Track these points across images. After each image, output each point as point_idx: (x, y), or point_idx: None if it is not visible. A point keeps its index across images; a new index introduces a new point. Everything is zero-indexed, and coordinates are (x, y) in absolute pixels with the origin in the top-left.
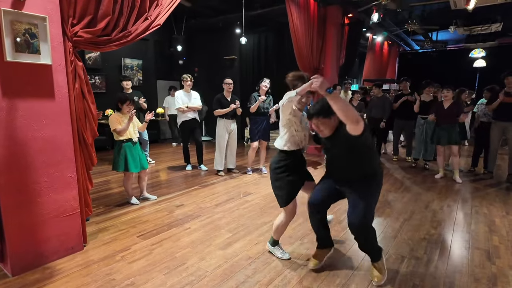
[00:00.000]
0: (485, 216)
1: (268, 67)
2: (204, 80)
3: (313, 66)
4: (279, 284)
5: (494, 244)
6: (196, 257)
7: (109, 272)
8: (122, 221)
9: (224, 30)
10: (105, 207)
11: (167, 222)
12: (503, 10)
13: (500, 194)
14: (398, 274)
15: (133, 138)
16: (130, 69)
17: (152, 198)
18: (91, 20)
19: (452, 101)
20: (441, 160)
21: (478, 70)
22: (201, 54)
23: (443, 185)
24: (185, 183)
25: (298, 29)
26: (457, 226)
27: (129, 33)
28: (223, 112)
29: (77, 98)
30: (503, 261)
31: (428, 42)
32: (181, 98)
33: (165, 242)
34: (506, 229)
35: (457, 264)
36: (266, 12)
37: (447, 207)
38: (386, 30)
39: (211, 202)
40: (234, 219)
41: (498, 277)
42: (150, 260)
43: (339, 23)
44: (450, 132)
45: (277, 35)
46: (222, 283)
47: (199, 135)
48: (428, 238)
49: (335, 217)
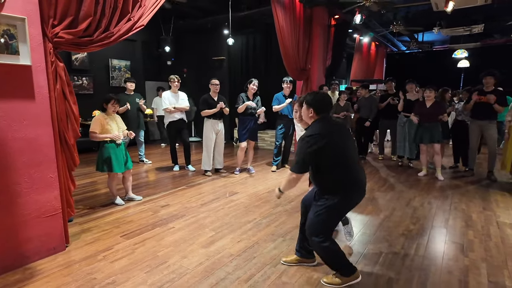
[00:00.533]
0: (463, 212)
1: (256, 67)
2: (193, 81)
3: (299, 67)
4: (259, 280)
5: (469, 238)
6: (178, 256)
7: (90, 271)
8: (106, 222)
9: (212, 31)
10: (89, 208)
11: (151, 222)
12: (484, 12)
13: (480, 191)
14: (375, 269)
15: (117, 140)
16: (117, 70)
17: (137, 198)
18: (72, 21)
19: (434, 101)
20: (424, 158)
21: (462, 71)
22: (189, 55)
23: (426, 183)
24: (172, 184)
25: (283, 29)
26: (436, 222)
27: (112, 34)
28: (210, 113)
29: (59, 99)
30: (476, 254)
31: (414, 43)
32: (168, 98)
33: (148, 242)
34: (482, 224)
35: (432, 257)
36: (253, 13)
37: (427, 204)
38: (372, 31)
39: (197, 202)
40: (218, 218)
41: (470, 269)
42: (132, 259)
43: (325, 24)
44: (433, 131)
45: (264, 36)
46: (202, 280)
47: (186, 135)
48: (407, 233)
49: None
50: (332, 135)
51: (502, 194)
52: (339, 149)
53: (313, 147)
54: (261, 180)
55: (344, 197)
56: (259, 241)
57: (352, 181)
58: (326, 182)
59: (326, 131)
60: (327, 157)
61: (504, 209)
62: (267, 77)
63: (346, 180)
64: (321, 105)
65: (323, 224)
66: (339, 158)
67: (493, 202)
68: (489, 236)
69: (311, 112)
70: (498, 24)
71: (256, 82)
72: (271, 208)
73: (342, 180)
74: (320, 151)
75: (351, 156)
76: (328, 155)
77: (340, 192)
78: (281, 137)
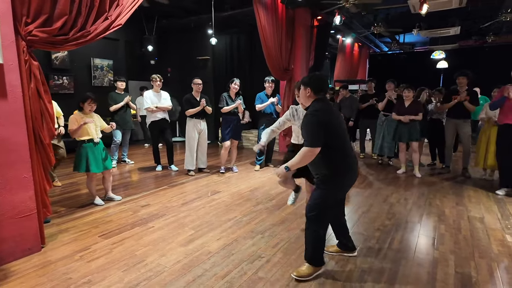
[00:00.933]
0: (437, 207)
1: (240, 67)
2: (177, 80)
3: (282, 67)
4: (235, 276)
5: (440, 232)
6: (157, 254)
7: (66, 271)
8: (84, 222)
9: (196, 30)
10: (68, 208)
11: (131, 221)
12: (460, 15)
13: (454, 187)
14: (350, 262)
15: (95, 139)
16: (100, 69)
17: (117, 198)
18: (46, 19)
19: (412, 100)
20: (402, 156)
21: (442, 71)
22: (173, 55)
23: (404, 180)
24: (154, 184)
25: (266, 30)
26: (410, 217)
27: (88, 32)
28: (195, 111)
29: (33, 98)
30: (446, 247)
31: (395, 44)
32: (150, 98)
33: (127, 241)
34: (454, 218)
35: (405, 251)
36: (236, 13)
37: (403, 200)
38: (354, 32)
39: (178, 201)
40: (199, 217)
41: (439, 261)
42: (109, 258)
43: (308, 25)
44: (411, 130)
45: (249, 36)
46: (179, 277)
47: (169, 135)
48: (382, 228)
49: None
50: (331, 115)
51: (475, 190)
52: (337, 130)
53: (322, 118)
54: (244, 179)
55: (338, 180)
56: (238, 239)
57: (346, 165)
58: (324, 164)
59: (327, 109)
60: (329, 135)
61: (476, 204)
62: (251, 77)
63: (341, 163)
64: (317, 85)
65: (319, 207)
66: (337, 139)
67: (466, 197)
68: (460, 230)
69: (309, 92)
70: (473, 26)
71: (238, 82)
72: (252, 206)
73: (337, 162)
74: (326, 125)
75: (346, 139)
76: (329, 133)
77: (335, 175)
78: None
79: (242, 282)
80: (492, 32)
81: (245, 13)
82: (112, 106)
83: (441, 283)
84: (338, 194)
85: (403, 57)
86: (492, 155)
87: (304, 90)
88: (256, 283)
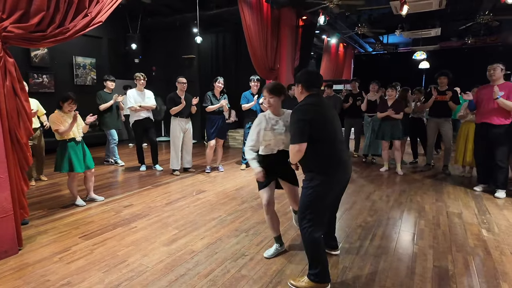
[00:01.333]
0: (418, 204)
1: (226, 66)
2: (161, 79)
3: (268, 66)
4: (218, 274)
5: (420, 227)
6: (139, 254)
7: (44, 273)
8: (64, 223)
9: (182, 29)
10: (48, 209)
11: (113, 222)
12: (440, 16)
13: (435, 184)
14: (332, 258)
15: (77, 137)
16: (82, 67)
17: (99, 199)
18: (22, 15)
19: (395, 99)
20: (385, 154)
21: (424, 71)
22: (158, 53)
23: (386, 178)
24: (138, 184)
25: (251, 29)
26: (391, 214)
27: (67, 29)
28: (179, 109)
29: (8, 96)
30: (425, 242)
31: (379, 44)
32: (134, 97)
33: (108, 242)
34: (433, 214)
35: (385, 246)
36: (222, 12)
37: (385, 197)
38: (339, 32)
39: (162, 201)
40: (183, 216)
41: (418, 256)
42: (89, 259)
43: (293, 25)
44: (393, 128)
45: (234, 35)
46: (162, 277)
47: (153, 134)
48: (364, 225)
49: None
50: (322, 108)
51: (454, 186)
52: (327, 124)
53: (307, 115)
54: (229, 178)
55: (327, 176)
56: (222, 237)
57: (335, 160)
58: (311, 160)
59: (317, 103)
60: (316, 130)
61: (454, 200)
62: (237, 76)
63: (329, 159)
64: (308, 80)
65: (310, 206)
66: (326, 133)
67: (445, 193)
68: (438, 225)
69: (300, 88)
70: (453, 27)
71: (221, 80)
72: (237, 205)
73: (325, 159)
74: (312, 120)
75: (337, 134)
76: (316, 128)
77: (323, 171)
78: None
79: (225, 280)
80: (471, 34)
81: (231, 12)
82: (101, 105)
83: (419, 277)
84: (329, 191)
85: (386, 58)
86: (470, 152)
87: (297, 87)
88: (239, 281)
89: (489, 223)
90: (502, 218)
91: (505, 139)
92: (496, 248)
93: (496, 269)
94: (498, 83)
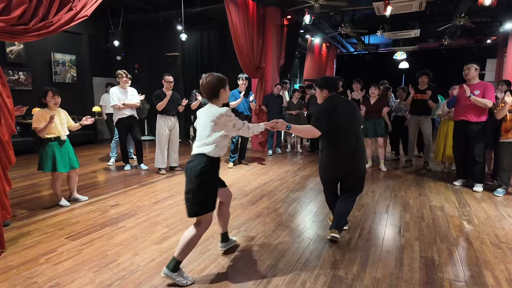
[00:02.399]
0: (402, 198)
1: (211, 64)
2: (144, 77)
3: (254, 65)
4: (213, 270)
5: (405, 220)
6: (130, 253)
7: (30, 275)
8: (48, 224)
9: (165, 26)
10: (30, 210)
11: (100, 222)
12: (419, 18)
13: (417, 179)
14: (323, 252)
15: (61, 136)
16: (61, 65)
17: (83, 199)
18: (4, 7)
19: (378, 98)
20: (368, 151)
21: (404, 71)
22: (141, 51)
23: (370, 174)
24: (123, 183)
25: (237, 28)
26: (378, 208)
27: (51, 23)
28: (164, 103)
29: None
30: (411, 234)
31: (361, 45)
32: (116, 95)
33: (97, 242)
34: (417, 207)
35: (374, 239)
36: (207, 9)
37: (371, 192)
38: (323, 32)
39: (150, 200)
40: (172, 214)
41: (405, 248)
42: (78, 260)
43: (278, 24)
44: (376, 126)
45: (220, 33)
46: (154, 275)
47: (138, 133)
48: (352, 219)
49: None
50: (339, 106)
51: (435, 181)
52: (336, 122)
53: (328, 106)
54: None
55: (321, 165)
56: (213, 235)
57: (331, 155)
58: (321, 147)
59: (336, 101)
60: (331, 122)
61: (436, 194)
62: (223, 74)
63: (327, 152)
64: (331, 85)
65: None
66: (333, 130)
67: (427, 188)
68: (423, 218)
69: (325, 93)
70: (431, 29)
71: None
72: None
73: (324, 150)
74: (331, 112)
75: (345, 133)
76: (331, 120)
77: (321, 160)
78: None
79: (221, 276)
80: (447, 36)
81: (216, 9)
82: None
83: (407, 267)
84: (323, 176)
85: (368, 58)
86: (450, 148)
87: (321, 92)
88: (233, 277)
89: (469, 215)
90: (480, 210)
91: (482, 135)
92: (477, 238)
93: (478, 257)
94: (474, 82)
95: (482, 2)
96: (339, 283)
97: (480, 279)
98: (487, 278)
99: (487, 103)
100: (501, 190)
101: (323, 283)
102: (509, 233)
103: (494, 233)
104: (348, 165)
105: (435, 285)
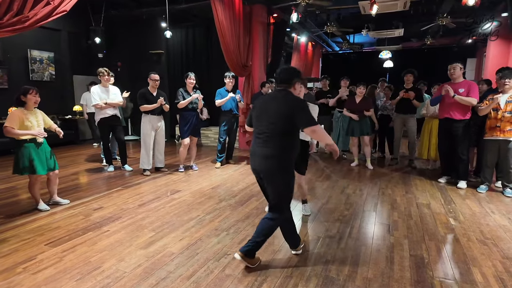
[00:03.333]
0: (389, 196)
1: (197, 62)
2: (127, 75)
3: (241, 63)
4: (202, 275)
5: (394, 219)
6: (114, 259)
7: (7, 286)
8: (27, 230)
9: (149, 23)
10: (5, 216)
11: (82, 226)
12: (403, 17)
13: (403, 177)
14: (314, 253)
15: (37, 138)
16: (39, 62)
17: (64, 202)
18: None
19: (363, 97)
20: (355, 150)
21: (388, 70)
22: (123, 48)
23: (357, 172)
24: (106, 185)
25: (224, 25)
26: (366, 206)
27: (27, 18)
28: (150, 108)
29: None
30: (400, 233)
31: (346, 44)
32: (98, 93)
33: (79, 248)
34: (404, 205)
35: (364, 238)
36: (192, 6)
37: (359, 191)
38: (309, 31)
39: (135, 202)
40: (158, 217)
41: (394, 246)
42: (59, 268)
43: (265, 22)
44: (362, 124)
45: (205, 30)
46: (141, 282)
47: (121, 133)
48: (341, 218)
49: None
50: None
51: (420, 179)
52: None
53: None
54: (205, 177)
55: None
56: (202, 237)
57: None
58: (289, 146)
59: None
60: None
61: (422, 191)
62: (209, 73)
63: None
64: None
65: (291, 190)
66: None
67: (413, 186)
68: (410, 216)
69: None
70: (415, 28)
71: (193, 76)
72: (214, 203)
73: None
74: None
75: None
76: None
77: (292, 157)
78: (224, 133)
79: (209, 281)
80: (429, 35)
81: (201, 6)
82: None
83: (398, 266)
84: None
85: (353, 57)
86: (434, 146)
87: (301, 87)
88: (223, 281)
89: (455, 212)
90: (465, 207)
91: (466, 133)
92: (464, 235)
93: (466, 254)
94: (458, 81)
95: (466, 2)
96: (331, 284)
97: (469, 276)
98: (475, 275)
99: (472, 101)
100: (484, 187)
101: (315, 285)
102: (493, 229)
103: (480, 230)
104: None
105: (426, 283)
